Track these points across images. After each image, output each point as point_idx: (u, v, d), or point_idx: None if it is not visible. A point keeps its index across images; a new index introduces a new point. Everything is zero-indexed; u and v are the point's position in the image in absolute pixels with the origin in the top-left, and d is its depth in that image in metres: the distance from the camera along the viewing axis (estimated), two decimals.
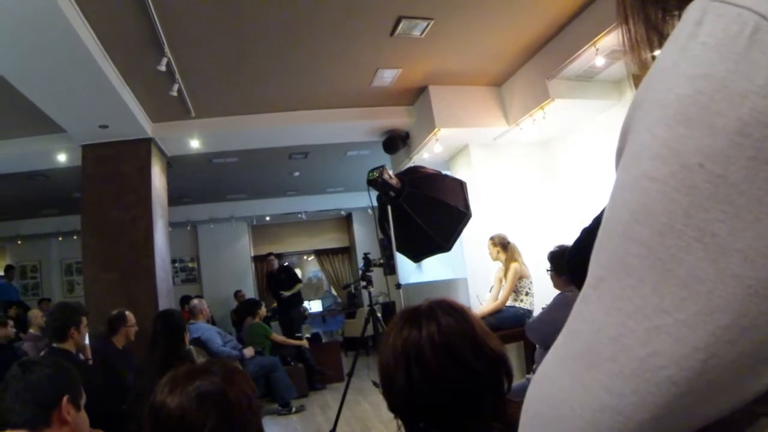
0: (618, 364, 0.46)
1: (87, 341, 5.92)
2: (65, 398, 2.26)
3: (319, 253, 18.00)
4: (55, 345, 4.43)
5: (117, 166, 7.28)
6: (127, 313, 5.59)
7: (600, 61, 5.96)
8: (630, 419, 0.45)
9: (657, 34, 0.63)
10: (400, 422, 1.63)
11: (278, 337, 9.92)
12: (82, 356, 5.29)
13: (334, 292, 17.92)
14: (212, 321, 9.46)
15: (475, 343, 1.56)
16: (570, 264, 3.22)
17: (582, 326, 0.51)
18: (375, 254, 6.44)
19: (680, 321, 0.42)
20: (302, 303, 13.87)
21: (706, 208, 0.42)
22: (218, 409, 1.68)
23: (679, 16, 0.59)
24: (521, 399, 0.64)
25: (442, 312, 1.60)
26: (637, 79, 6.31)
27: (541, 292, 6.45)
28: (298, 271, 14.84)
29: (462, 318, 1.60)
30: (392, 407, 1.62)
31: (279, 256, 13.53)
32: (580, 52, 5.89)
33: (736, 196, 0.40)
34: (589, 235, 3.08)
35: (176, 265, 15.19)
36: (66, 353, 4.37)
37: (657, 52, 0.62)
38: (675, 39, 0.48)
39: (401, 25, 5.81)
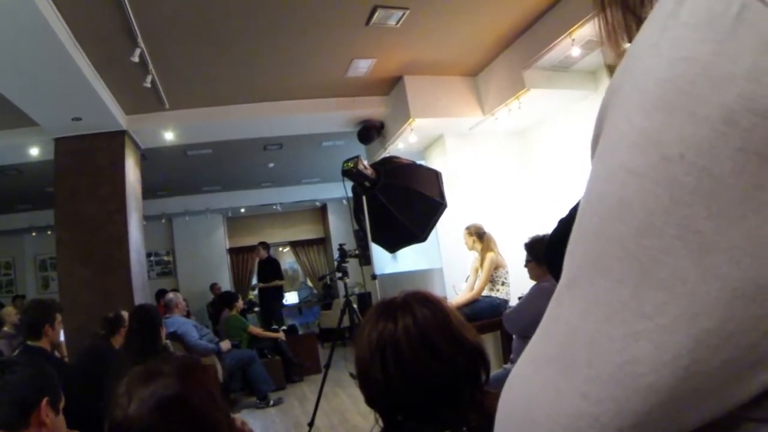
0: (595, 370, 0.43)
1: (62, 338, 5.86)
2: (44, 400, 2.21)
3: (295, 245, 18.00)
4: (29, 343, 4.36)
5: (90, 159, 7.20)
6: (123, 313, 5.52)
7: (576, 52, 5.97)
8: (608, 426, 0.43)
9: (635, 19, 0.60)
10: (377, 415, 1.61)
11: (255, 329, 9.91)
12: (57, 354, 5.23)
13: (309, 283, 17.90)
14: (188, 315, 9.39)
15: (451, 334, 1.54)
16: (548, 256, 3.23)
17: (557, 328, 0.48)
18: (350, 245, 6.44)
19: (661, 326, 0.40)
20: (283, 298, 13.92)
21: (689, 204, 0.38)
22: (183, 419, 1.65)
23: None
24: (499, 390, 0.62)
25: (417, 304, 1.58)
26: (612, 70, 6.33)
27: (518, 282, 6.46)
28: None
29: (437, 310, 1.59)
30: (369, 401, 1.60)
31: (267, 246, 13.48)
32: (556, 42, 5.89)
33: (722, 190, 0.37)
34: (565, 226, 3.10)
35: (151, 258, 15.11)
36: (41, 351, 4.31)
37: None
38: (654, 18, 0.44)
39: (377, 14, 5.78)
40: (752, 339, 0.38)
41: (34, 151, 7.79)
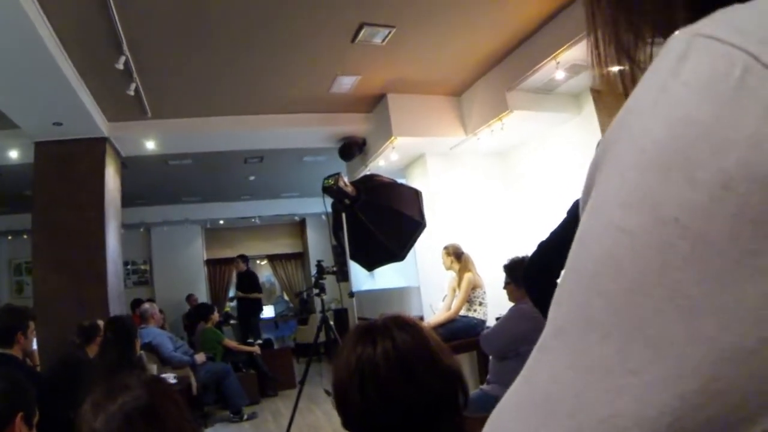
0: (576, 422, 0.42)
1: (35, 346, 5.80)
2: (19, 416, 2.16)
3: (272, 258, 17.96)
4: (0, 351, 4.30)
5: (70, 165, 7.12)
6: (99, 322, 5.48)
7: (560, 75, 6.02)
8: None
9: (627, 59, 0.59)
10: None
11: (231, 342, 9.85)
12: (29, 362, 5.18)
13: (286, 297, 17.87)
14: (163, 326, 9.34)
15: (430, 359, 1.54)
16: (527, 280, 3.24)
17: (540, 376, 0.47)
18: (328, 261, 6.42)
19: (646, 383, 0.39)
20: (261, 311, 13.88)
21: (681, 268, 0.38)
22: (148, 425, 1.64)
23: (653, 44, 0.56)
24: (477, 414, 0.61)
25: (396, 328, 1.58)
26: (597, 94, 6.39)
27: (495, 303, 6.47)
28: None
29: (417, 334, 1.58)
30: (346, 424, 1.59)
31: (246, 259, 13.50)
32: (540, 65, 5.93)
33: (715, 255, 0.37)
34: (544, 250, 3.11)
35: (128, 267, 14.97)
36: (12, 359, 4.25)
37: (622, 67, 0.60)
38: (654, 74, 0.44)
39: (363, 31, 5.79)
40: (739, 398, 0.38)
41: (14, 154, 7.71)
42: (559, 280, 0.48)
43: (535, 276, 3.14)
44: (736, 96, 0.37)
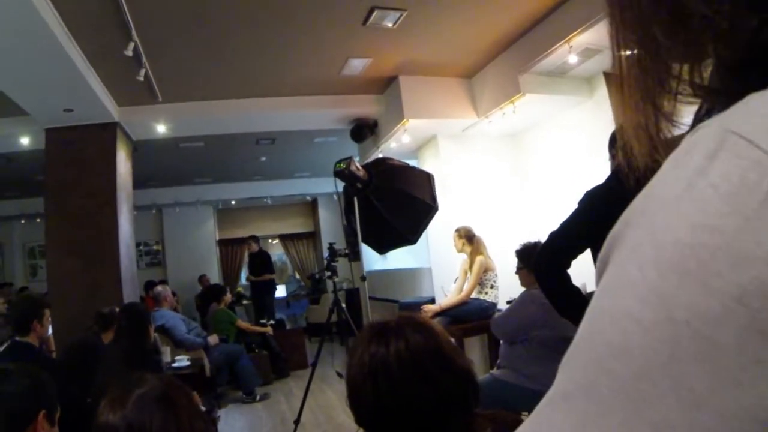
0: None
1: (50, 332, 5.84)
2: (42, 413, 2.15)
3: (284, 238, 18.03)
4: (17, 338, 4.33)
5: (81, 150, 7.14)
6: (117, 309, 5.51)
7: (573, 59, 5.97)
8: None
9: (652, 106, 0.58)
10: None
11: (243, 324, 9.92)
12: (45, 348, 5.22)
13: (298, 276, 17.92)
14: (176, 309, 9.37)
15: (442, 360, 1.56)
16: (537, 270, 3.25)
17: (547, 430, 0.49)
18: (340, 241, 6.44)
19: None
20: (275, 291, 13.95)
21: (687, 363, 0.39)
22: (160, 408, 1.68)
23: (676, 97, 0.56)
24: (487, 411, 0.63)
25: (410, 329, 1.60)
26: (609, 77, 6.35)
27: (506, 286, 6.48)
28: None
29: (430, 336, 1.60)
30: (359, 421, 1.61)
31: (257, 240, 13.55)
32: (553, 48, 5.89)
33: (721, 358, 0.37)
34: (555, 241, 3.11)
35: (141, 248, 15.04)
36: (29, 347, 4.28)
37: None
38: (681, 165, 0.44)
39: (374, 15, 5.77)
40: None
41: (25, 141, 7.74)
42: (570, 346, 0.49)
43: (545, 268, 3.15)
44: (762, 210, 0.37)
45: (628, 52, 0.60)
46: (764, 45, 0.47)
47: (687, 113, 0.54)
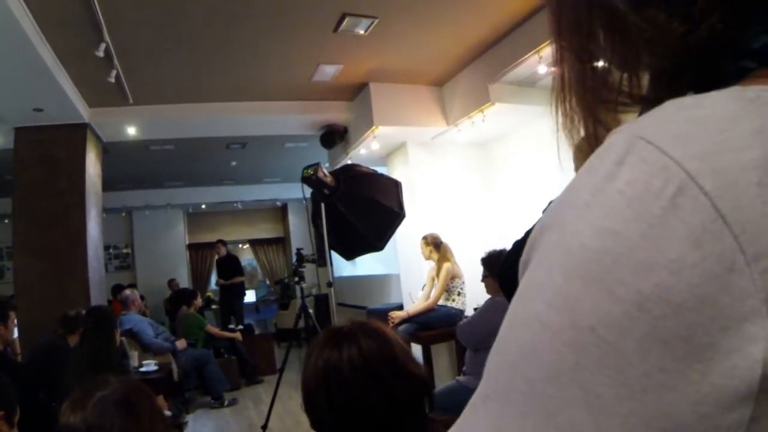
0: None
1: (16, 335, 5.80)
2: (0, 414, 2.17)
3: (254, 243, 17.97)
4: None
5: (51, 151, 7.07)
6: (83, 312, 5.47)
7: (542, 69, 6.00)
8: None
9: (591, 116, 0.60)
10: None
11: (213, 329, 9.88)
12: (10, 350, 5.18)
13: (267, 282, 17.87)
14: (144, 313, 9.30)
15: (395, 366, 1.57)
16: (501, 278, 3.27)
17: None
18: (308, 249, 6.45)
19: None
20: (244, 295, 13.91)
21: (592, 370, 0.39)
22: (120, 412, 1.69)
23: (616, 107, 0.58)
24: (444, 416, 0.65)
25: (363, 335, 1.61)
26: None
27: (474, 293, 6.51)
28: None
29: (383, 342, 1.62)
30: (314, 426, 1.63)
31: (225, 243, 13.52)
32: (523, 58, 5.93)
33: (625, 366, 0.38)
34: (519, 250, 3.15)
35: (110, 251, 14.93)
36: None
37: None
38: (592, 171, 0.45)
39: (345, 21, 5.78)
40: None
41: None
42: (491, 350, 0.51)
43: (508, 276, 3.17)
44: (665, 217, 0.38)
45: (568, 62, 0.62)
46: (691, 52, 0.49)
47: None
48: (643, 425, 0.38)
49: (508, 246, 3.41)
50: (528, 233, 2.27)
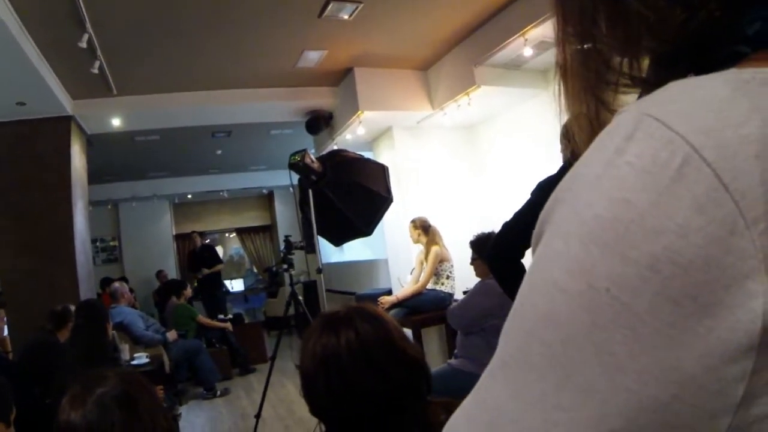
0: None
1: (6, 333, 5.77)
2: None
3: (241, 232, 17.97)
4: None
5: (35, 145, 7.01)
6: (71, 307, 5.45)
7: (528, 51, 6.01)
8: None
9: (593, 97, 0.63)
10: (321, 426, 1.65)
11: (204, 319, 9.88)
12: (1, 348, 5.16)
13: (255, 270, 17.88)
14: (134, 306, 9.28)
15: (392, 349, 1.58)
16: (490, 259, 3.29)
17: (487, 401, 0.52)
18: (296, 236, 6.45)
19: (575, 419, 0.44)
20: (223, 285, 13.88)
21: (608, 329, 0.42)
22: (121, 408, 1.69)
23: (616, 88, 0.61)
24: (443, 394, 0.66)
25: (360, 319, 1.62)
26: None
27: (463, 276, 6.52)
28: (219, 250, 14.80)
29: (380, 325, 1.62)
30: (314, 412, 1.63)
31: (201, 234, 13.51)
32: (508, 41, 5.91)
33: (638, 324, 0.41)
34: (508, 231, 3.14)
35: (97, 244, 14.88)
36: None
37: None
38: (602, 147, 0.47)
39: (330, 6, 5.75)
40: None
41: None
42: (507, 320, 0.52)
43: (499, 257, 3.19)
44: (672, 186, 0.41)
45: (571, 46, 0.64)
46: (690, 37, 0.52)
47: (630, 102, 0.57)
48: (654, 379, 0.41)
49: (496, 228, 3.42)
50: (517, 215, 2.28)
